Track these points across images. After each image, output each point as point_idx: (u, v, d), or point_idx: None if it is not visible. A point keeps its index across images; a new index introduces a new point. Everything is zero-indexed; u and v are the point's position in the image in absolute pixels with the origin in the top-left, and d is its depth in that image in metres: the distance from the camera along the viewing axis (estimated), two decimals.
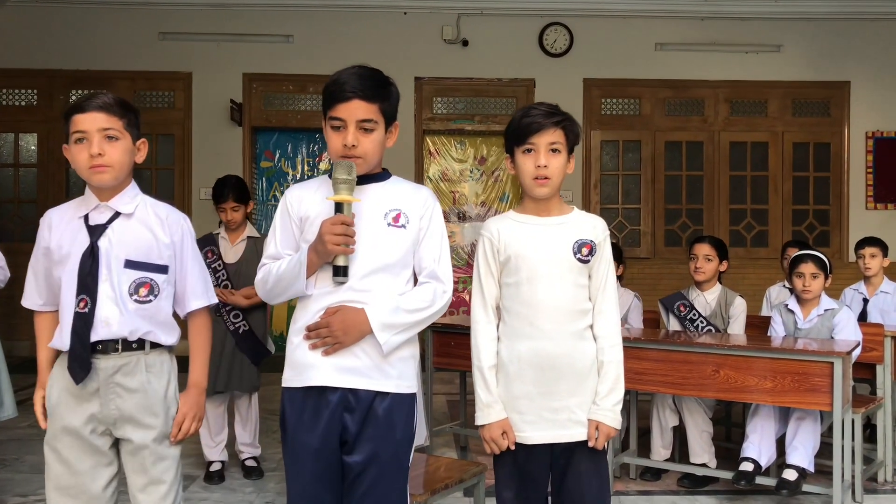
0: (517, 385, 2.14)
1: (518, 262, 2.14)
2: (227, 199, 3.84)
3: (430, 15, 7.77)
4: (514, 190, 8.09)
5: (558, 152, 2.12)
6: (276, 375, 5.89)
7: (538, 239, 2.15)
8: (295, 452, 1.98)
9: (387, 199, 2.04)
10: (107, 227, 2.04)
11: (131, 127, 2.05)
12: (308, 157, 8.00)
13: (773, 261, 7.68)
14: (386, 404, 1.95)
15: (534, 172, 2.11)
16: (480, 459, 4.22)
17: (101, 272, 2.00)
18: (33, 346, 7.30)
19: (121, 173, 2.04)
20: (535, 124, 2.10)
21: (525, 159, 2.13)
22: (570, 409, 2.12)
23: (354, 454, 1.95)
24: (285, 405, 2.01)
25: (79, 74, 7.67)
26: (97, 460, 2.03)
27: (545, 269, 2.12)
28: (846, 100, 7.96)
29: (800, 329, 3.78)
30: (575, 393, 2.13)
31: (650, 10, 7.82)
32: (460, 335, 4.08)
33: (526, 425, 2.13)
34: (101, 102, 1.99)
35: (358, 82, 1.96)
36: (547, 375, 2.12)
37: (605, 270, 2.16)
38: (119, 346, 2.01)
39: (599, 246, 2.15)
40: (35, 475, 3.92)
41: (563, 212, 2.20)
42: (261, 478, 3.88)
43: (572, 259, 2.12)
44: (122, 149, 2.02)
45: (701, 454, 3.81)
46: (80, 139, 1.99)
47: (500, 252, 2.17)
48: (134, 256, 2.03)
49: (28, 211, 7.76)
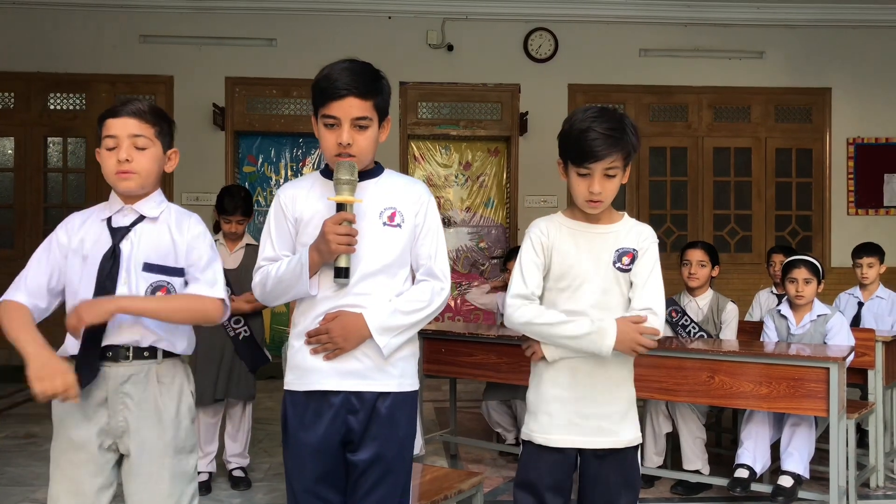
0: (550, 388, 2.11)
1: (561, 267, 2.10)
2: (236, 213, 3.82)
3: (415, 19, 7.73)
4: (499, 195, 8.06)
5: (614, 177, 2.05)
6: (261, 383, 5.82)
7: (582, 246, 2.11)
8: (296, 453, 1.97)
9: (381, 196, 2.01)
10: (130, 231, 1.99)
11: (163, 136, 2.01)
12: (291, 161, 7.91)
13: (757, 266, 7.73)
14: (388, 403, 1.96)
15: (587, 196, 2.06)
16: (472, 468, 4.18)
17: (121, 275, 1.95)
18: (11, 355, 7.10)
19: (147, 181, 2.00)
20: (592, 153, 2.00)
21: (579, 181, 2.06)
22: (601, 417, 2.09)
23: (360, 453, 1.95)
24: (287, 408, 2.00)
25: (57, 77, 7.53)
26: (101, 482, 1.96)
27: (587, 276, 2.09)
28: (828, 106, 8.03)
29: (793, 335, 3.78)
30: (607, 402, 2.10)
31: (634, 16, 7.84)
32: (451, 342, 4.04)
33: (554, 428, 2.10)
34: (134, 109, 1.96)
35: (351, 79, 1.92)
36: (581, 382, 2.09)
37: (647, 272, 2.09)
38: (130, 353, 1.95)
39: (642, 252, 2.10)
40: (14, 487, 3.82)
41: (612, 220, 2.15)
42: (248, 488, 3.80)
43: (611, 268, 2.09)
44: (151, 157, 1.99)
45: (694, 461, 3.79)
46: (111, 146, 1.96)
47: (546, 250, 2.12)
48: (153, 259, 1.99)
49: (4, 216, 7.60)
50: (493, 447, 4.45)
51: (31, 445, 4.59)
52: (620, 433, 2.11)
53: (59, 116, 7.60)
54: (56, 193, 7.69)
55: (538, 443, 2.11)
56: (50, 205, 7.62)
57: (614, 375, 2.11)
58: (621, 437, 2.11)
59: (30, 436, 4.82)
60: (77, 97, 7.64)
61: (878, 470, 3.90)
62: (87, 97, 7.59)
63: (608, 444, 2.09)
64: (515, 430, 4.39)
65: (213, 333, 3.59)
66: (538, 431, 2.12)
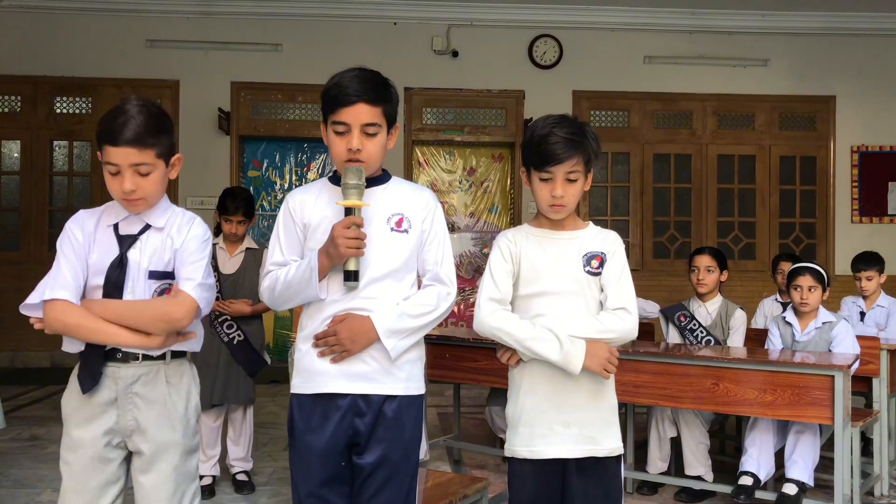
0: (528, 398, 2.11)
1: (530, 274, 2.12)
2: (237, 213, 3.81)
3: (421, 25, 7.76)
4: (503, 201, 8.07)
5: (575, 181, 2.08)
6: (263, 387, 5.76)
7: (550, 252, 2.13)
8: (302, 456, 1.98)
9: (388, 203, 2.04)
10: (137, 239, 2.01)
11: (164, 150, 1.99)
12: (296, 166, 7.94)
13: (760, 273, 7.73)
14: (395, 406, 1.98)
15: (550, 200, 2.08)
16: (475, 473, 4.18)
17: (127, 283, 1.97)
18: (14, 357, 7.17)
19: (154, 199, 2.02)
20: (553, 156, 2.04)
21: (541, 186, 2.09)
22: (581, 424, 2.08)
23: (366, 455, 1.96)
24: (294, 411, 2.01)
25: (64, 81, 7.57)
26: (107, 478, 1.98)
27: (557, 282, 2.10)
28: (832, 114, 8.04)
29: (797, 342, 3.78)
30: (589, 408, 2.09)
31: (639, 23, 7.86)
32: (455, 347, 4.04)
33: (537, 439, 2.09)
34: (131, 136, 1.91)
35: (361, 86, 1.95)
36: (559, 389, 2.08)
37: (618, 273, 2.10)
38: (140, 354, 1.98)
39: (610, 255, 2.12)
40: (19, 489, 3.82)
41: (576, 227, 2.18)
42: (252, 492, 3.80)
43: (581, 272, 2.10)
44: (155, 179, 1.98)
45: (698, 467, 3.78)
46: (114, 172, 1.95)
47: (515, 258, 2.14)
48: (159, 267, 2.01)
49: (10, 220, 7.63)
50: (497, 453, 4.45)
51: (36, 448, 4.59)
52: (601, 441, 2.08)
53: (66, 120, 7.64)
54: (61, 197, 7.71)
55: (521, 457, 2.10)
56: (55, 208, 7.65)
57: (594, 382, 2.09)
58: (602, 445, 2.09)
59: (34, 438, 4.83)
60: (83, 101, 7.68)
61: (883, 478, 3.89)
62: (93, 101, 7.63)
63: (589, 452, 2.07)
64: None
65: (209, 338, 3.59)
66: (519, 444, 2.11)
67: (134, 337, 1.93)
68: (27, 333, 7.16)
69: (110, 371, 1.97)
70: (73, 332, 1.93)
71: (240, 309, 3.72)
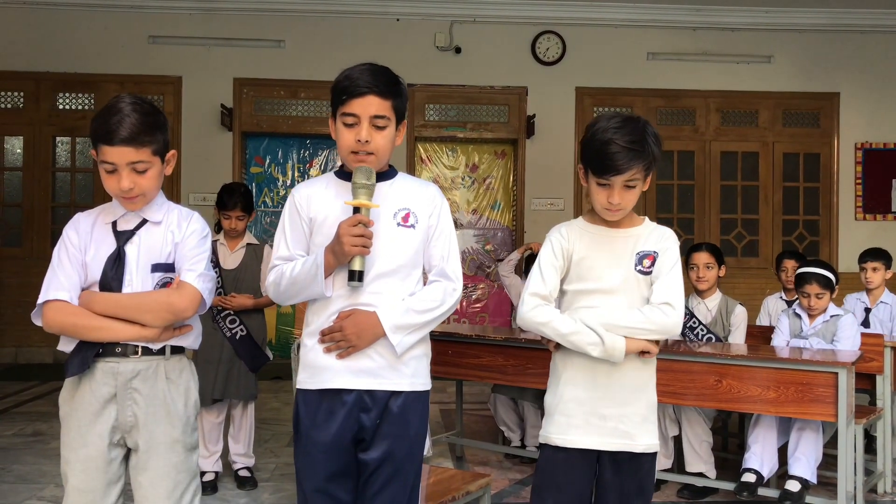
0: (568, 389, 2.11)
1: (581, 270, 2.11)
2: (235, 208, 3.80)
3: (423, 22, 7.74)
4: (506, 198, 8.06)
5: (633, 187, 2.05)
6: (266, 383, 5.77)
7: (603, 249, 2.11)
8: (308, 451, 1.97)
9: (395, 198, 2.03)
10: (134, 234, 2.02)
11: (160, 147, 2.00)
12: (298, 162, 7.93)
13: (763, 270, 7.72)
14: (400, 402, 1.97)
15: (606, 205, 2.06)
16: (478, 470, 4.17)
17: (125, 277, 1.97)
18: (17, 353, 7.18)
19: (151, 195, 2.03)
20: (613, 167, 1.99)
21: (598, 190, 2.06)
22: (619, 419, 2.07)
23: (371, 451, 1.96)
24: (300, 406, 2.01)
25: (66, 77, 7.57)
26: (110, 477, 1.99)
27: (607, 280, 2.08)
28: (836, 111, 8.02)
29: (804, 332, 3.79)
30: (626, 403, 2.08)
31: (643, 20, 7.84)
32: (457, 343, 4.03)
33: (572, 429, 2.09)
34: (126, 135, 1.91)
35: (372, 78, 1.95)
36: (599, 382, 2.08)
37: (667, 270, 2.07)
38: (139, 349, 1.98)
39: (662, 252, 2.10)
40: (21, 485, 3.82)
41: (632, 224, 2.15)
42: (254, 488, 3.80)
43: (632, 271, 2.08)
44: (152, 176, 1.99)
45: (700, 464, 3.78)
46: (110, 170, 1.96)
47: (567, 254, 2.12)
48: (160, 260, 2.02)
49: (13, 216, 7.64)
50: (499, 449, 4.45)
51: (39, 443, 4.60)
52: (638, 437, 2.08)
53: (68, 116, 7.64)
54: (64, 193, 7.72)
55: (555, 444, 2.10)
56: (58, 204, 7.65)
57: (635, 378, 2.09)
58: (638, 441, 2.08)
59: (37, 434, 4.83)
60: (86, 97, 7.68)
61: (886, 476, 3.88)
62: (95, 97, 7.63)
63: (624, 446, 2.07)
64: (520, 430, 4.39)
65: (211, 333, 3.59)
66: (555, 433, 2.11)
67: (130, 329, 1.94)
68: (30, 329, 7.19)
69: (109, 367, 1.97)
70: (71, 331, 1.95)
71: (242, 303, 3.72)
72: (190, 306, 1.97)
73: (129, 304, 1.95)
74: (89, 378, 1.97)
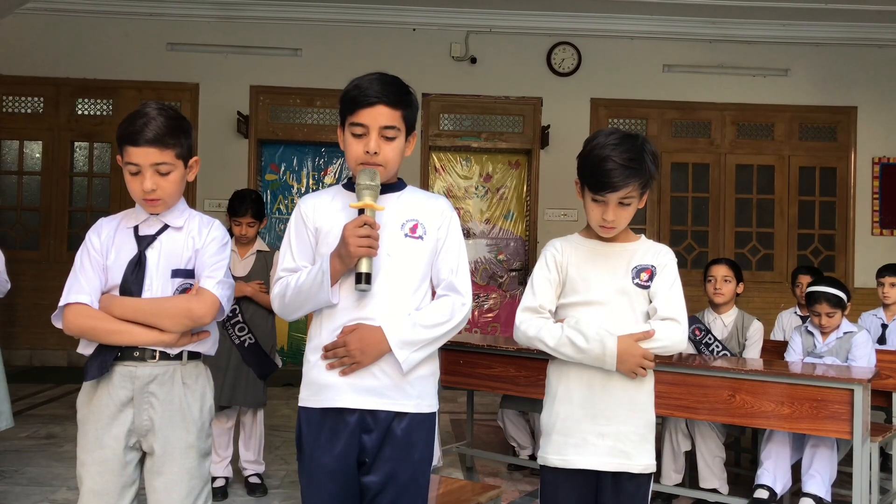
0: (563, 407, 2.08)
1: (576, 283, 2.09)
2: (246, 215, 3.82)
3: (439, 32, 7.77)
4: (519, 208, 8.06)
5: (629, 205, 2.03)
6: (278, 390, 5.78)
7: (599, 263, 2.09)
8: (312, 473, 1.92)
9: (403, 209, 1.98)
10: (155, 239, 2.04)
11: (183, 151, 2.03)
12: (313, 170, 7.97)
13: (778, 284, 7.67)
14: (405, 425, 1.90)
15: (600, 222, 2.05)
16: (488, 481, 4.16)
17: (146, 281, 1.99)
18: (32, 355, 7.24)
19: (173, 200, 2.06)
20: (608, 185, 1.97)
21: (594, 206, 2.04)
22: (616, 437, 2.04)
23: (372, 475, 1.89)
24: (302, 425, 1.95)
25: (85, 83, 7.65)
26: (125, 480, 2.00)
27: (603, 292, 2.06)
28: (853, 125, 7.97)
29: (818, 349, 3.75)
30: (626, 421, 2.05)
31: (658, 31, 7.84)
32: (469, 353, 4.02)
33: (569, 448, 2.06)
34: (152, 136, 1.95)
35: (381, 88, 1.91)
36: (597, 399, 2.05)
37: (669, 285, 2.05)
38: (157, 353, 1.99)
39: (661, 268, 2.07)
40: (34, 487, 3.84)
41: (628, 240, 2.14)
42: (265, 495, 3.81)
43: (630, 284, 2.06)
44: (175, 179, 2.02)
45: (713, 480, 3.75)
46: (134, 172, 1.99)
47: (561, 268, 2.11)
48: (178, 265, 2.03)
49: (30, 219, 7.71)
50: (510, 460, 4.43)
51: (52, 446, 4.62)
52: (635, 457, 2.04)
53: (87, 121, 7.72)
54: (81, 197, 7.78)
55: (553, 465, 2.08)
56: (75, 208, 7.72)
57: (633, 396, 2.06)
58: (636, 461, 2.05)
59: (50, 436, 4.86)
60: (104, 103, 7.75)
61: None
62: (114, 103, 7.70)
63: (621, 466, 2.03)
64: (531, 446, 4.36)
65: (219, 340, 3.59)
66: (552, 453, 2.08)
67: (149, 334, 1.96)
68: (45, 332, 7.25)
69: (127, 370, 1.99)
70: (90, 334, 1.97)
71: (240, 289, 3.65)
72: (208, 313, 1.98)
73: (149, 309, 1.96)
74: (107, 381, 1.98)
